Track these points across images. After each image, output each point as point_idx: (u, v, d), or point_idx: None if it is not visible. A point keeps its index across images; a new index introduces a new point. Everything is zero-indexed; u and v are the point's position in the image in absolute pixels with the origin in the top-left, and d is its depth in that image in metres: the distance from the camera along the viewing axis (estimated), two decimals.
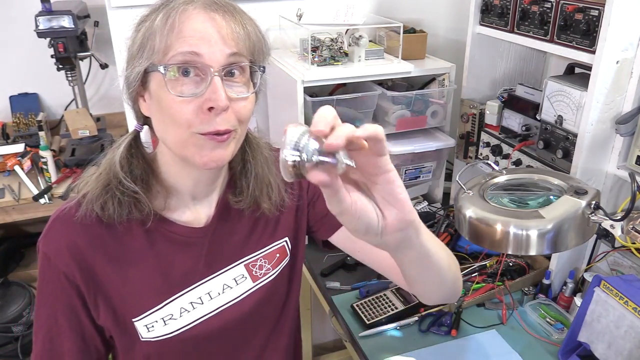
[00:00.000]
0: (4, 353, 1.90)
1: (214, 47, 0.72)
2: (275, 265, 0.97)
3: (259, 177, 0.90)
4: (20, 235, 2.27)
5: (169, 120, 0.75)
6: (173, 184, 0.86)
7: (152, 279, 0.86)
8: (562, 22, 1.25)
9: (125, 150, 0.83)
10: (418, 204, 1.80)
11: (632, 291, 1.05)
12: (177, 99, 0.73)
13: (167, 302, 0.87)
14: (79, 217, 0.82)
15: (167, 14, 0.73)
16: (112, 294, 0.85)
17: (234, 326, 0.93)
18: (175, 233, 0.87)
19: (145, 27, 0.74)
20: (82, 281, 0.83)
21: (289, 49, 1.82)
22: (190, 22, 0.72)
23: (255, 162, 0.90)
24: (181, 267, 0.88)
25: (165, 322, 0.87)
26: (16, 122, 2.10)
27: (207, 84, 0.72)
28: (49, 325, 0.85)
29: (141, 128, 0.86)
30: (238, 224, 0.94)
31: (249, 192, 0.89)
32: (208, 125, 0.74)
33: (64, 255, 0.82)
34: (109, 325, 0.87)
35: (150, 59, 0.74)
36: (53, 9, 1.88)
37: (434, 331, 1.30)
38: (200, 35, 0.72)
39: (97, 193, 0.81)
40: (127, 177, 0.81)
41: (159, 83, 0.74)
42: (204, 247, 0.90)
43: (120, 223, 0.82)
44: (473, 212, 1.03)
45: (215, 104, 0.72)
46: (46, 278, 0.84)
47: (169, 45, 0.72)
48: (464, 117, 1.69)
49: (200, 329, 0.89)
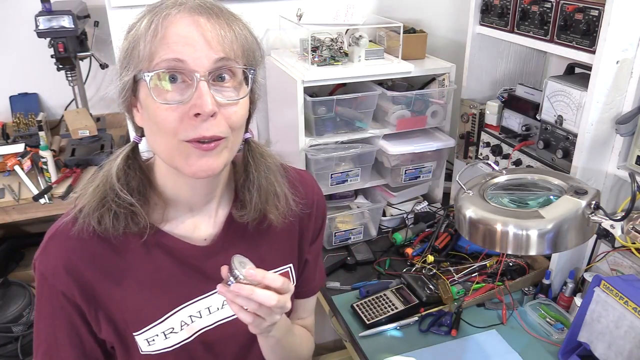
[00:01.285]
0: (4, 353, 1.90)
1: (198, 51, 0.70)
2: None
3: (262, 188, 0.87)
4: (20, 235, 2.27)
5: (156, 128, 0.73)
6: (170, 194, 0.85)
7: (152, 293, 0.85)
8: (562, 22, 1.25)
9: (123, 162, 0.81)
10: (418, 204, 1.80)
11: (632, 291, 1.05)
12: (163, 107, 0.71)
13: (168, 315, 0.86)
14: (75, 232, 0.80)
15: (151, 19, 0.71)
16: (113, 309, 0.84)
17: (230, 341, 0.92)
18: (175, 248, 0.86)
19: (131, 35, 0.73)
20: (82, 299, 0.82)
21: (289, 49, 1.82)
22: (174, 27, 0.70)
23: (259, 173, 0.87)
24: (181, 281, 0.87)
25: (167, 336, 0.86)
26: (16, 122, 2.10)
27: (194, 90, 0.70)
28: (49, 342, 0.85)
29: (139, 140, 0.83)
30: (242, 242, 0.91)
31: (252, 205, 0.87)
32: (193, 131, 0.71)
33: (61, 274, 0.81)
34: (110, 339, 0.86)
35: (137, 67, 0.72)
36: (53, 9, 1.87)
37: (434, 331, 1.30)
38: (184, 41, 0.69)
39: (93, 206, 0.79)
40: (123, 189, 0.79)
41: (146, 91, 0.72)
42: (205, 265, 0.88)
43: (117, 237, 0.80)
44: (473, 212, 1.03)
45: (201, 109, 0.69)
46: (44, 296, 0.83)
47: (153, 51, 0.70)
48: (464, 117, 1.69)
49: (198, 342, 0.89)
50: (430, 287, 1.40)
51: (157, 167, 0.84)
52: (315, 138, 1.59)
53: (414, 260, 1.55)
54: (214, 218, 0.89)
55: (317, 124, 1.58)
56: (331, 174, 1.63)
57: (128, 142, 0.85)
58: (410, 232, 1.66)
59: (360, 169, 1.67)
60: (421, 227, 1.68)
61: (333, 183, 1.65)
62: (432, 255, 1.51)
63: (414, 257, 1.56)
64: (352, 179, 1.68)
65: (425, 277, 1.44)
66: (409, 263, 1.56)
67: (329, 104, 1.56)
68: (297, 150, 1.59)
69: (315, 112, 1.55)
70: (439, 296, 1.37)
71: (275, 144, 0.95)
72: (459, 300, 1.36)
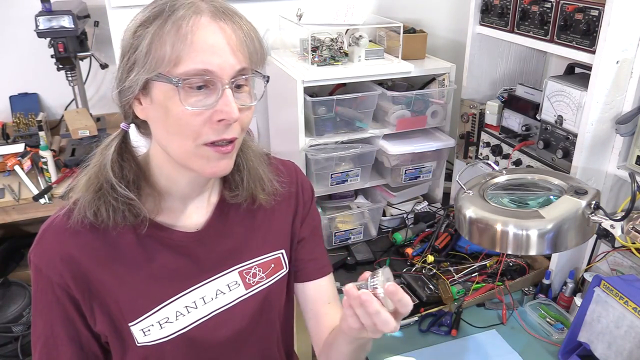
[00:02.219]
0: (4, 353, 1.90)
1: (224, 60, 0.73)
2: (270, 275, 0.97)
3: (252, 170, 0.91)
4: (20, 235, 2.27)
5: (176, 130, 0.75)
6: (165, 186, 0.86)
7: (147, 283, 0.86)
8: (562, 22, 1.25)
9: (116, 152, 0.81)
10: (418, 204, 1.80)
11: (632, 291, 1.05)
12: (188, 111, 0.73)
13: (163, 305, 0.87)
14: (70, 225, 0.81)
15: (178, 23, 0.71)
16: (108, 300, 0.84)
17: (226, 332, 0.93)
18: (169, 238, 0.87)
19: (150, 34, 0.72)
20: (77, 290, 0.82)
21: (289, 49, 1.82)
22: (202, 34, 0.72)
23: (245, 156, 0.91)
24: (175, 271, 0.88)
25: (162, 326, 0.87)
26: (16, 122, 2.10)
27: (218, 96, 0.73)
28: (46, 336, 0.85)
29: (128, 127, 0.84)
30: (234, 227, 0.93)
31: (244, 185, 0.90)
32: (215, 135, 0.75)
33: (56, 266, 0.81)
34: (105, 331, 0.86)
35: (157, 68, 0.72)
36: (53, 9, 1.87)
37: (434, 331, 1.30)
38: (212, 50, 0.72)
39: (89, 198, 0.80)
40: (120, 184, 0.80)
41: (166, 93, 0.73)
42: (198, 252, 0.89)
43: (113, 228, 0.81)
44: (473, 212, 1.03)
45: (229, 116, 0.73)
46: (40, 289, 0.84)
47: (180, 56, 0.71)
48: (464, 117, 1.69)
49: (194, 332, 0.89)
50: (430, 287, 1.40)
51: (153, 160, 0.85)
52: (315, 138, 1.59)
53: (414, 260, 1.55)
54: (206, 205, 0.91)
55: (317, 124, 1.58)
56: (331, 174, 1.63)
57: None
58: (410, 232, 1.66)
59: (360, 169, 1.67)
60: (421, 227, 1.68)
61: (333, 183, 1.65)
62: (432, 255, 1.51)
63: (414, 257, 1.56)
64: (352, 179, 1.68)
65: (425, 277, 1.44)
66: (409, 263, 1.56)
67: (329, 104, 1.56)
68: (297, 150, 1.59)
69: (315, 112, 1.55)
70: (439, 296, 1.37)
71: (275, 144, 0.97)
72: (459, 300, 1.36)
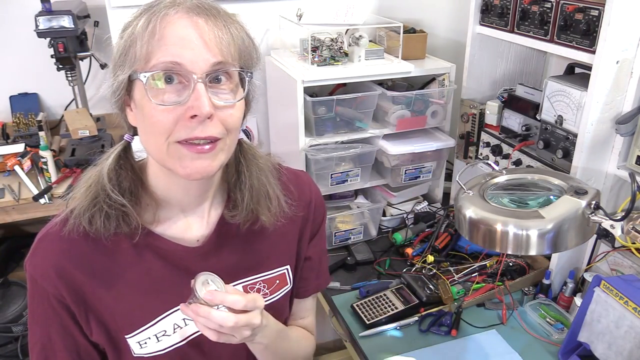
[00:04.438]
0: (4, 353, 1.90)
1: (196, 53, 0.69)
2: (274, 292, 0.95)
3: (254, 188, 0.86)
4: (20, 235, 2.27)
5: (150, 129, 0.73)
6: (162, 195, 0.84)
7: (144, 295, 0.84)
8: (562, 22, 1.25)
9: (114, 161, 0.80)
10: (418, 204, 1.80)
11: (632, 291, 1.05)
12: (159, 108, 0.70)
13: (160, 318, 0.85)
14: (66, 233, 0.79)
15: (149, 19, 0.70)
16: (103, 311, 0.83)
17: (225, 346, 0.89)
18: (167, 250, 0.85)
19: (127, 34, 0.72)
20: (72, 301, 0.81)
21: (289, 49, 1.82)
22: (172, 28, 0.69)
23: (250, 173, 0.86)
24: (173, 284, 0.85)
25: (159, 339, 0.86)
26: (16, 122, 2.10)
27: (190, 91, 0.69)
28: (43, 343, 0.84)
29: (131, 139, 0.83)
30: (236, 244, 0.90)
31: (244, 205, 0.86)
32: (186, 132, 0.71)
33: (50, 277, 0.80)
34: (101, 342, 0.86)
35: (132, 66, 0.71)
36: (53, 9, 1.87)
37: (434, 331, 1.30)
38: (182, 43, 0.69)
39: (85, 206, 0.78)
40: (114, 190, 0.78)
41: (142, 92, 0.71)
42: (197, 267, 0.85)
43: (108, 238, 0.79)
44: (473, 212, 1.03)
45: (199, 111, 0.69)
46: (36, 298, 0.83)
47: (150, 51, 0.69)
48: (464, 117, 1.69)
49: (192, 346, 0.88)
50: (430, 287, 1.40)
51: (150, 167, 0.84)
52: (315, 138, 1.59)
53: (414, 260, 1.55)
54: (206, 219, 0.88)
55: (317, 124, 1.58)
56: (331, 174, 1.63)
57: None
58: (410, 232, 1.66)
59: (360, 169, 1.67)
60: (421, 227, 1.68)
61: (333, 183, 1.65)
62: (432, 255, 1.51)
63: (414, 257, 1.56)
64: (352, 179, 1.68)
65: (425, 277, 1.44)
66: (409, 263, 1.56)
67: (329, 104, 1.56)
68: (297, 150, 1.59)
69: (315, 112, 1.55)
70: (439, 296, 1.37)
71: (275, 144, 0.95)
72: (459, 300, 1.36)
